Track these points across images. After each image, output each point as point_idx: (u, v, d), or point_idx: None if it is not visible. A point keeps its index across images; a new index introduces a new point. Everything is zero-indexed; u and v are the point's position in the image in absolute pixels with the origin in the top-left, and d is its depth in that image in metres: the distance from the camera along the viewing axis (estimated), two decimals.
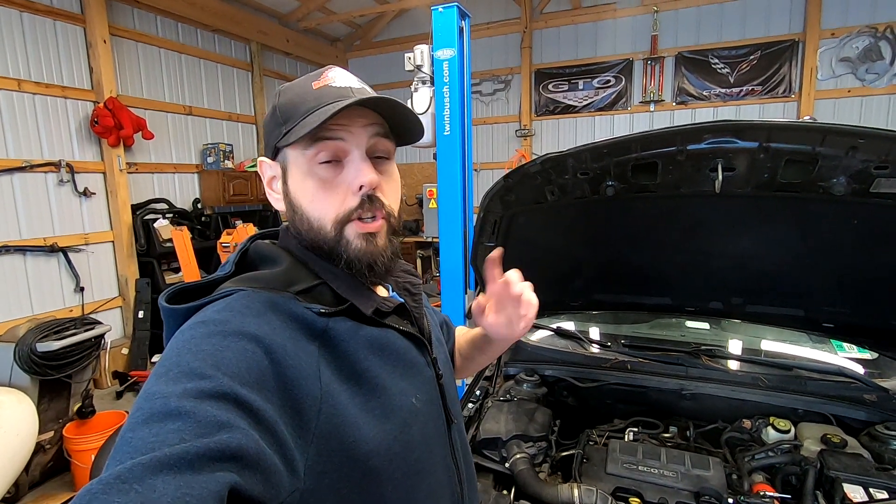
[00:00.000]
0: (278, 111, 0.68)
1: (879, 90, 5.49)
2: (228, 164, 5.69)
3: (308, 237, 0.68)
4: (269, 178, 0.72)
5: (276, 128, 0.68)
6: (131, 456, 0.41)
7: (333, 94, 0.66)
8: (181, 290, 0.64)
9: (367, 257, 0.67)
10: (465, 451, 0.84)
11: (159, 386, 0.48)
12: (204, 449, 0.42)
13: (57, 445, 3.01)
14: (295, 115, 0.66)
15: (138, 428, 0.44)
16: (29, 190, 4.01)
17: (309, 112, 0.64)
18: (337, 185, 0.66)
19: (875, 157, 1.17)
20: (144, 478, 0.39)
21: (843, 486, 1.23)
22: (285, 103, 0.68)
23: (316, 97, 0.66)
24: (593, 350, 2.00)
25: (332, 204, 0.66)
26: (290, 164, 0.68)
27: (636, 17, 6.34)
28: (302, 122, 0.64)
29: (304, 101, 0.66)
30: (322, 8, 6.69)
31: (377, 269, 0.68)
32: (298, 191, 0.68)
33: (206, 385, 0.48)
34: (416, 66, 3.17)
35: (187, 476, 0.40)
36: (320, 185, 0.66)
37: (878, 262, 1.46)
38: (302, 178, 0.67)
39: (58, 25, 4.18)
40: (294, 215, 0.69)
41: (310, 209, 0.67)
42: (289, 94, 0.69)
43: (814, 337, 1.93)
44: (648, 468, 1.39)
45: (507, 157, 7.15)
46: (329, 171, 0.66)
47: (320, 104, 0.64)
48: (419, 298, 0.81)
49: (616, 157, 1.41)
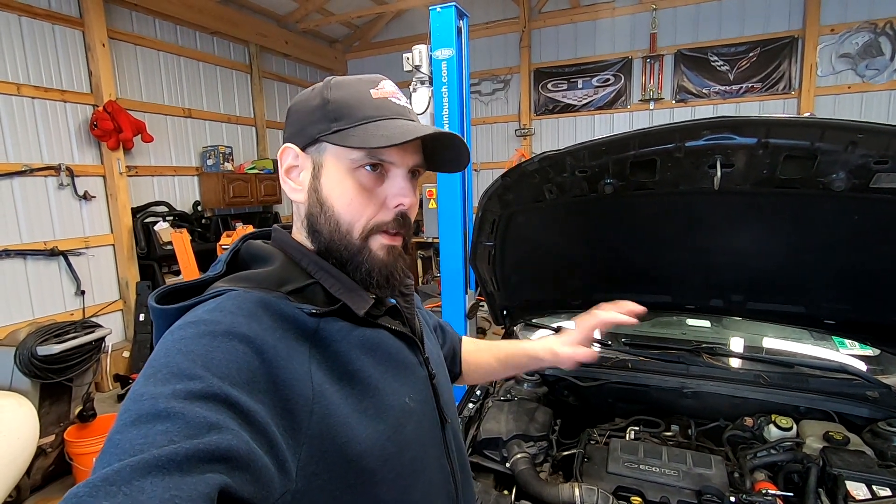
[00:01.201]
0: (330, 105, 0.66)
1: (879, 86, 5.47)
2: (228, 166, 5.70)
3: (329, 237, 0.67)
4: (290, 166, 0.70)
5: (324, 121, 0.66)
6: (119, 458, 0.40)
7: (394, 109, 0.67)
8: (172, 290, 0.63)
9: (387, 269, 0.68)
10: (461, 452, 0.83)
11: (148, 387, 0.47)
12: (193, 450, 0.41)
13: (58, 449, 3.01)
14: (350, 117, 0.65)
15: (126, 429, 0.43)
16: (29, 194, 4.01)
17: (368, 120, 0.65)
18: (376, 195, 0.67)
19: (874, 151, 1.16)
20: (132, 480, 0.38)
21: (845, 483, 1.23)
22: (340, 101, 0.66)
23: (375, 107, 0.66)
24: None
25: (367, 211, 0.67)
26: (328, 159, 0.67)
27: (635, 16, 6.34)
28: (361, 126, 0.64)
29: (361, 105, 0.66)
30: (321, 9, 6.69)
31: (392, 282, 0.69)
32: (334, 189, 0.67)
33: (195, 386, 0.47)
34: (415, 66, 3.16)
35: (176, 477, 0.39)
36: (360, 191, 0.66)
37: (879, 257, 1.45)
38: (341, 177, 0.66)
39: (56, 29, 4.19)
40: (320, 212, 0.68)
41: (343, 210, 0.66)
42: (343, 91, 0.67)
43: (815, 334, 1.92)
44: (650, 467, 1.38)
45: (507, 157, 7.14)
46: (372, 180, 0.66)
47: (381, 116, 0.65)
48: (411, 299, 0.81)
49: (614, 154, 1.40)
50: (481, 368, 1.10)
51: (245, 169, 5.98)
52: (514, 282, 1.91)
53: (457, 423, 0.85)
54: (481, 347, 1.12)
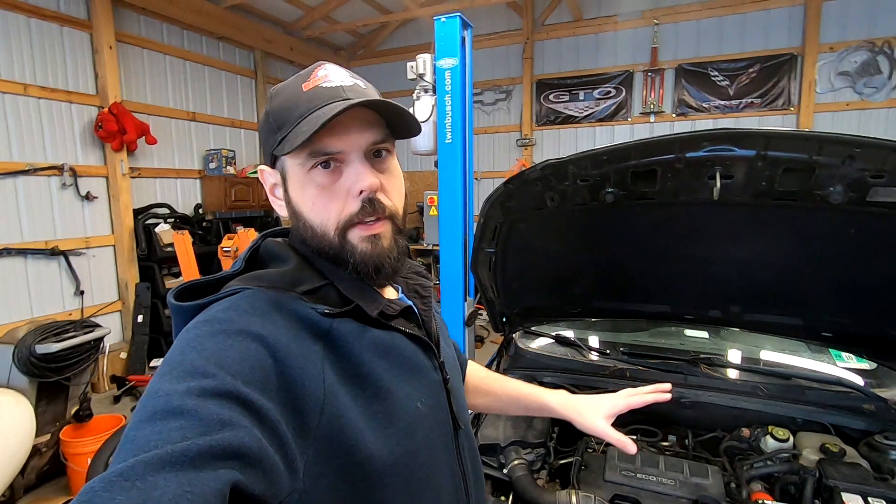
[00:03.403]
0: (271, 117, 0.66)
1: (877, 104, 5.52)
2: (230, 169, 5.72)
3: (313, 243, 0.67)
4: (271, 185, 0.71)
5: (271, 135, 0.66)
6: (134, 454, 0.41)
7: (325, 95, 0.63)
8: (190, 286, 0.64)
9: (373, 260, 0.66)
10: (474, 457, 0.82)
11: (163, 384, 0.48)
12: (206, 447, 0.42)
13: (53, 449, 2.99)
14: (288, 121, 0.63)
15: (141, 426, 0.44)
16: (31, 193, 4.03)
17: (302, 118, 0.62)
18: (336, 191, 0.65)
19: (871, 166, 1.18)
20: (146, 475, 0.39)
21: (841, 495, 1.23)
22: (277, 108, 0.65)
23: (308, 100, 0.63)
24: (592, 357, 2.00)
25: (332, 210, 0.65)
26: (288, 171, 0.67)
27: (637, 30, 6.40)
28: (295, 129, 0.62)
29: (296, 105, 0.64)
30: (326, 17, 6.75)
31: (384, 271, 0.68)
32: (299, 198, 0.66)
33: (209, 383, 0.48)
34: (419, 74, 3.20)
35: (189, 473, 0.40)
36: (319, 192, 0.65)
37: (876, 271, 1.46)
38: (301, 185, 0.66)
39: (64, 31, 4.23)
40: (297, 222, 0.68)
41: (311, 216, 0.66)
42: (280, 97, 0.66)
43: (813, 346, 1.93)
44: (647, 476, 1.38)
45: (508, 167, 7.17)
46: (327, 177, 0.65)
47: (312, 108, 0.62)
48: (429, 301, 0.80)
49: (616, 164, 1.42)
50: (488, 396, 1.08)
51: (247, 173, 6.00)
52: (515, 289, 1.92)
53: (470, 429, 0.84)
54: (491, 377, 1.11)
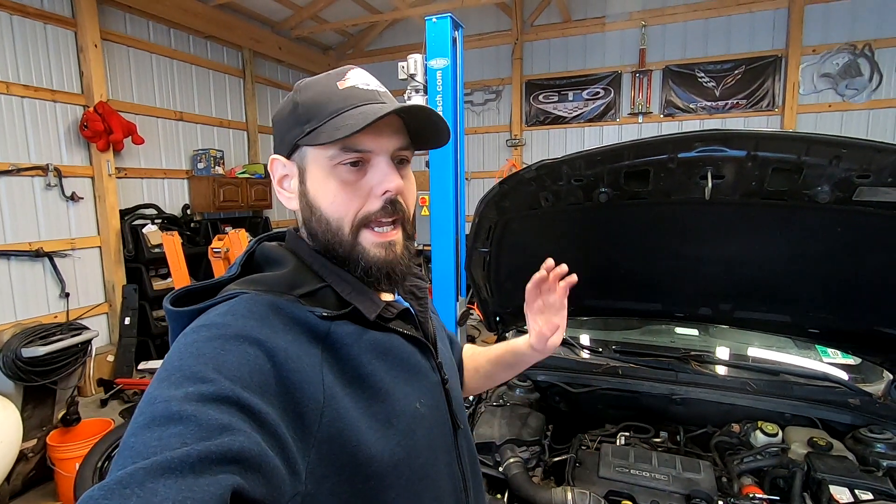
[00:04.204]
0: (300, 108, 0.66)
1: (859, 105, 5.64)
2: (219, 170, 5.66)
3: (324, 238, 0.67)
4: (282, 176, 0.71)
5: (297, 126, 0.66)
6: (133, 460, 0.41)
7: (361, 96, 0.65)
8: (186, 292, 0.64)
9: (386, 266, 0.67)
10: (472, 457, 0.82)
11: (161, 390, 0.48)
12: (206, 452, 0.42)
13: (40, 454, 2.94)
14: (320, 115, 0.64)
15: (140, 432, 0.44)
16: (15, 194, 3.95)
17: (336, 113, 0.63)
18: (359, 189, 0.66)
19: (857, 166, 1.21)
20: (146, 482, 0.39)
21: (829, 487, 1.26)
22: (309, 101, 0.66)
23: (343, 98, 0.65)
24: (585, 355, 2.03)
25: (352, 207, 0.66)
26: (309, 162, 0.67)
27: (625, 31, 6.47)
28: (329, 122, 0.63)
29: (329, 100, 0.65)
30: (315, 17, 6.72)
31: (395, 278, 0.68)
32: (319, 190, 0.66)
33: (207, 389, 0.48)
34: (410, 74, 3.19)
35: (189, 479, 0.40)
36: (342, 187, 0.65)
37: (861, 268, 1.50)
38: (324, 177, 0.66)
39: (48, 29, 4.15)
40: (311, 215, 0.68)
41: (329, 210, 0.66)
42: (311, 91, 0.67)
43: (800, 343, 1.97)
44: (640, 472, 1.40)
45: (498, 167, 7.20)
46: (353, 174, 0.65)
47: (348, 106, 0.64)
48: (425, 303, 0.80)
49: (609, 164, 1.44)
50: (478, 372, 1.11)
51: (236, 173, 5.95)
52: (508, 288, 1.93)
53: (469, 429, 0.84)
54: (476, 351, 1.14)
